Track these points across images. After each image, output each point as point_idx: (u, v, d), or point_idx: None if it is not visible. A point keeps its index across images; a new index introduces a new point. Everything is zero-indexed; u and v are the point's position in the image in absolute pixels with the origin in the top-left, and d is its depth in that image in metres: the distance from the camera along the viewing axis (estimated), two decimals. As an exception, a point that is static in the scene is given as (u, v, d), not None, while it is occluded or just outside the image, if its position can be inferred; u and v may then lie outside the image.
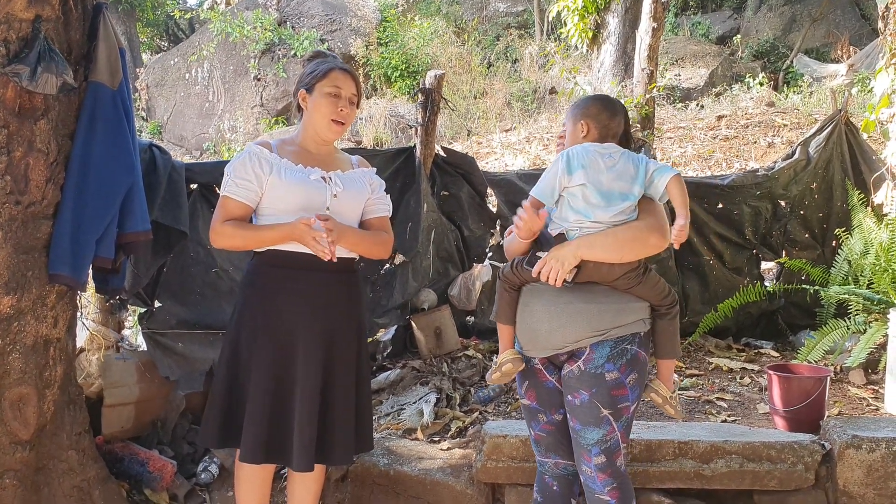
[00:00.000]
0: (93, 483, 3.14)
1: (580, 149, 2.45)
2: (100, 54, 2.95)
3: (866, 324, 4.36)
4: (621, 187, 2.41)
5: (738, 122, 10.17)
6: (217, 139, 13.28)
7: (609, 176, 2.40)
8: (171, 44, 18.44)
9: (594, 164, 2.41)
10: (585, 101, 2.58)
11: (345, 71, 2.76)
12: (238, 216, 2.68)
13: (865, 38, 14.04)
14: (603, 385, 2.38)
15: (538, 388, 2.58)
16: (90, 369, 3.58)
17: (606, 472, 2.42)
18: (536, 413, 2.60)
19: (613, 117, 2.52)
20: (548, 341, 2.45)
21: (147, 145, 3.66)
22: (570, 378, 2.44)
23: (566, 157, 2.43)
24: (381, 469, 3.34)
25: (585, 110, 2.53)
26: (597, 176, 2.39)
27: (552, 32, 14.34)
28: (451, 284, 4.79)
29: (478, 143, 10.81)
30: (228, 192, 2.67)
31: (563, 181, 2.40)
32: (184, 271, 3.87)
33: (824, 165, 5.17)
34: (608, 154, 2.45)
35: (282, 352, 2.66)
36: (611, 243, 2.36)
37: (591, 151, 2.44)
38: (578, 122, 2.53)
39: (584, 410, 2.41)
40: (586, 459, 2.44)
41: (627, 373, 2.40)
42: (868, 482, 3.06)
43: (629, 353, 2.41)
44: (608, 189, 2.39)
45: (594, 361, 2.39)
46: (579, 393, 2.41)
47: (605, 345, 2.40)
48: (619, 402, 2.40)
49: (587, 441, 2.42)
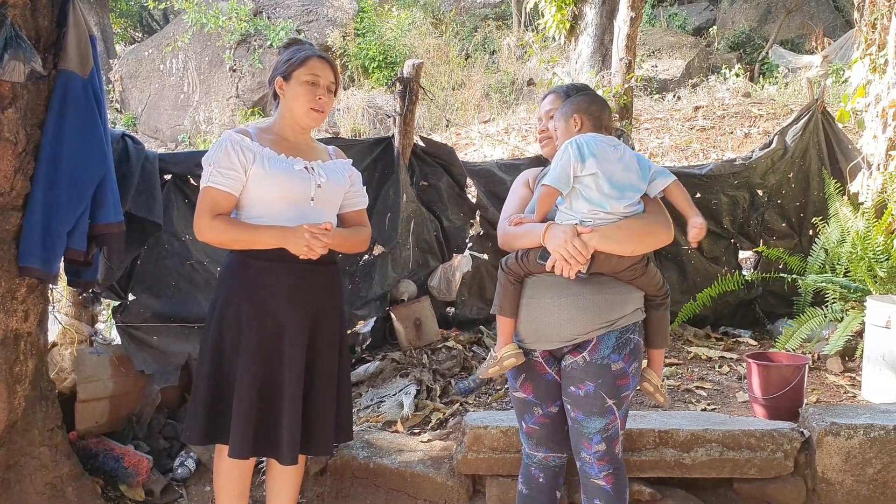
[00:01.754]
0: (66, 480, 3.09)
1: (588, 138, 2.43)
2: (69, 42, 2.89)
3: (843, 312, 4.39)
4: (630, 179, 2.41)
5: (715, 112, 10.21)
6: (192, 131, 13.14)
7: (619, 167, 2.40)
8: (146, 35, 18.21)
9: (604, 154, 2.40)
10: (574, 97, 2.56)
11: (322, 59, 2.71)
12: (224, 208, 2.62)
13: (839, 30, 14.17)
14: (609, 375, 2.40)
15: (536, 381, 2.56)
16: (63, 364, 3.52)
17: (604, 460, 2.44)
18: (532, 406, 2.58)
19: (603, 109, 2.53)
20: (557, 333, 2.44)
21: (120, 135, 3.59)
22: (574, 369, 2.44)
23: (576, 145, 2.40)
24: (360, 462, 3.31)
25: (577, 105, 2.51)
26: (608, 166, 2.38)
27: (530, 23, 14.33)
28: (431, 275, 4.76)
29: (456, 134, 10.77)
30: (212, 182, 2.59)
31: (577, 169, 2.38)
32: (158, 263, 3.81)
33: (801, 155, 5.20)
34: (614, 145, 2.45)
35: (267, 344, 2.62)
36: (626, 235, 2.37)
37: (600, 141, 2.43)
38: (571, 118, 2.51)
39: (589, 401, 2.41)
40: (587, 447, 2.44)
41: (630, 362, 2.43)
42: (846, 469, 3.07)
43: (632, 343, 2.44)
44: (620, 180, 2.39)
45: (600, 352, 2.40)
46: (584, 384, 2.41)
47: (610, 335, 2.41)
48: (622, 391, 2.43)
49: (589, 430, 2.43)
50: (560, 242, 2.33)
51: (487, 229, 4.84)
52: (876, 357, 3.83)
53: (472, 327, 4.79)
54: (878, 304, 3.87)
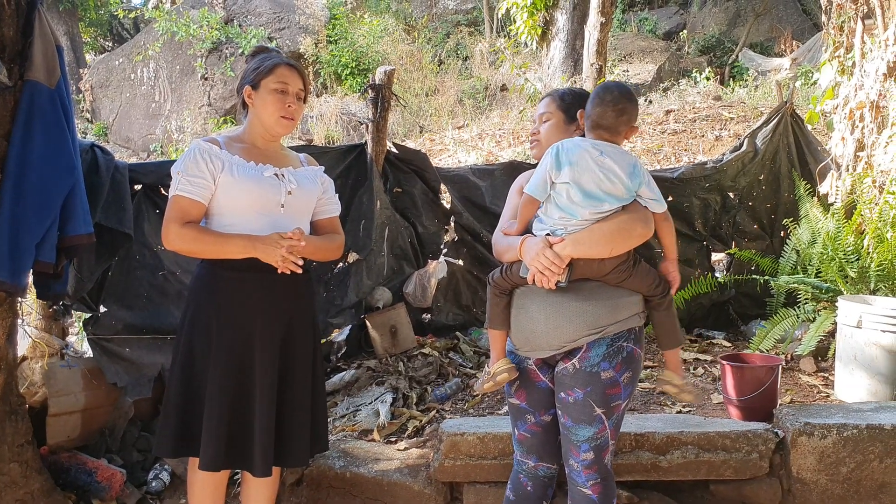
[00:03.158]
0: (37, 496, 3.04)
1: (571, 143, 2.39)
2: (36, 52, 2.85)
3: (815, 312, 4.43)
4: (608, 188, 2.35)
5: (686, 116, 10.29)
6: (164, 140, 13.06)
7: (597, 175, 2.34)
8: (116, 44, 18.07)
9: (582, 161, 2.34)
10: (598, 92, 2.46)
11: (290, 66, 2.69)
12: (193, 216, 2.58)
13: (807, 33, 14.36)
14: (598, 384, 2.37)
15: (530, 388, 2.55)
16: (33, 378, 3.46)
17: (592, 469, 2.42)
18: (525, 413, 2.57)
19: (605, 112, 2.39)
20: (546, 342, 2.42)
21: (89, 145, 3.55)
22: (565, 376, 2.42)
23: (555, 152, 2.37)
24: (336, 471, 3.29)
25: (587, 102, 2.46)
26: (583, 175, 2.33)
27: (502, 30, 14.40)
28: (406, 282, 4.75)
29: (430, 140, 10.78)
30: (181, 190, 2.56)
31: (553, 175, 2.36)
32: (129, 275, 3.77)
33: (771, 157, 5.25)
34: (599, 151, 2.37)
35: (238, 355, 2.59)
36: (597, 238, 2.33)
37: (581, 147, 2.38)
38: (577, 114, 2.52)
39: (578, 408, 2.39)
40: (575, 454, 2.42)
41: (622, 371, 2.39)
42: (820, 468, 3.10)
43: (624, 351, 2.40)
44: (594, 190, 2.34)
45: (590, 360, 2.38)
46: (573, 391, 2.39)
47: (601, 343, 2.38)
48: (612, 400, 2.39)
49: (577, 438, 2.41)
50: (533, 256, 2.33)
51: (462, 235, 4.84)
52: (848, 357, 3.87)
53: (449, 333, 4.78)
54: (849, 304, 3.91)
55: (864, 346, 3.80)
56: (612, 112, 2.38)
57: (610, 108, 2.38)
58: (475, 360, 4.46)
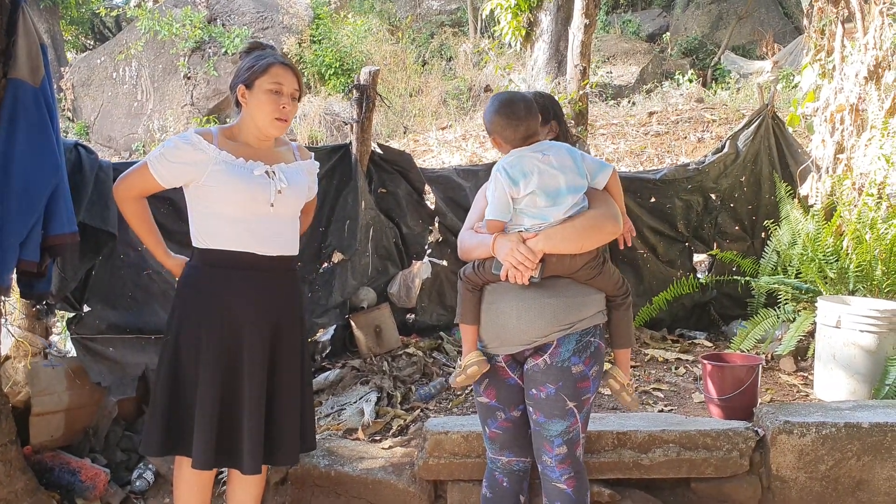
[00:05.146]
0: (21, 495, 3.03)
1: (513, 158, 2.42)
2: (19, 50, 2.83)
3: (795, 312, 4.48)
4: (567, 180, 2.40)
5: (669, 118, 10.36)
6: (147, 139, 12.99)
7: (551, 174, 2.38)
8: (98, 42, 17.93)
9: (534, 168, 2.38)
10: (489, 115, 2.47)
11: (285, 65, 2.66)
12: (149, 193, 2.73)
13: (788, 36, 14.50)
14: (569, 378, 2.42)
15: (499, 385, 2.57)
16: (17, 377, 3.45)
17: (566, 463, 2.46)
18: (495, 411, 2.60)
19: (518, 128, 2.43)
20: (517, 337, 2.46)
21: (72, 145, 3.54)
22: (535, 372, 2.45)
23: (504, 171, 2.39)
24: (321, 470, 3.30)
25: (491, 126, 2.47)
26: (540, 179, 2.37)
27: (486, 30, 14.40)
28: (391, 282, 4.76)
29: (414, 140, 10.79)
30: (153, 168, 2.62)
31: (513, 193, 2.38)
32: (113, 274, 3.76)
33: (753, 159, 5.29)
34: (541, 152, 2.42)
35: (227, 353, 2.59)
36: (570, 234, 2.37)
37: (525, 156, 2.41)
38: (491, 137, 2.50)
39: (550, 403, 2.43)
40: (548, 450, 2.46)
41: (591, 365, 2.45)
42: (800, 466, 3.14)
43: (592, 346, 2.45)
44: (554, 188, 2.38)
45: (560, 355, 2.42)
46: (545, 386, 2.43)
47: (570, 338, 2.43)
48: (582, 394, 2.45)
49: (550, 433, 2.44)
50: (507, 251, 2.36)
51: (446, 235, 4.86)
52: (827, 356, 3.92)
53: (433, 333, 4.80)
54: (828, 305, 3.96)
55: (843, 346, 3.85)
56: (530, 120, 2.44)
57: (527, 118, 2.44)
58: (459, 359, 4.47)
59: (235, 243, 2.59)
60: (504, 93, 2.51)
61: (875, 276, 4.39)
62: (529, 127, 2.44)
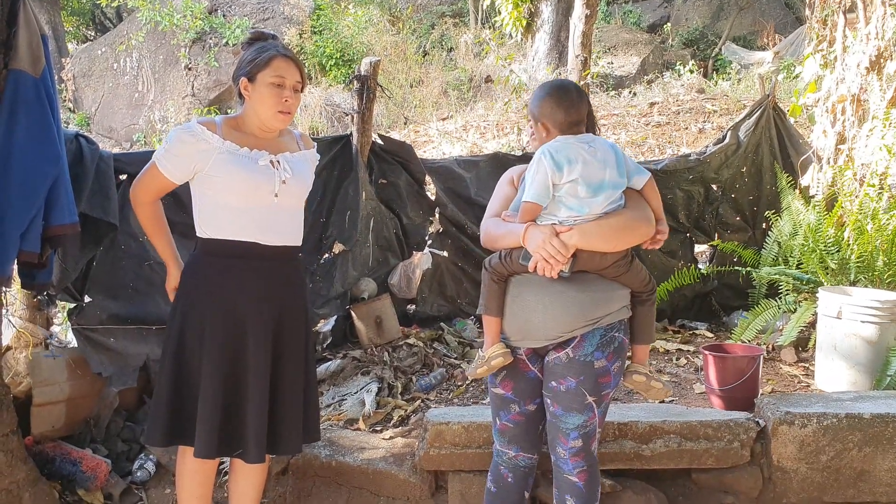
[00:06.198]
0: (22, 485, 3.03)
1: (559, 144, 2.39)
2: (20, 41, 2.82)
3: (796, 303, 4.48)
4: (608, 175, 2.38)
5: (670, 108, 10.32)
6: (148, 130, 12.96)
7: (595, 166, 2.36)
8: (98, 33, 17.89)
9: (578, 156, 2.36)
10: (540, 100, 2.45)
11: (287, 57, 2.64)
12: (162, 193, 2.73)
13: (790, 27, 14.46)
14: (591, 373, 2.40)
15: (517, 378, 2.55)
16: (18, 368, 3.45)
17: (580, 456, 2.45)
18: (509, 403, 2.57)
19: (570, 111, 2.42)
20: (542, 331, 2.43)
21: (73, 135, 3.53)
22: (557, 365, 2.44)
23: (549, 155, 2.35)
24: (322, 461, 3.30)
25: (541, 110, 2.44)
26: (584, 168, 2.35)
27: (487, 21, 14.37)
28: (391, 273, 4.76)
29: (415, 131, 10.76)
30: (160, 165, 2.62)
31: (555, 178, 2.35)
32: (114, 264, 3.76)
33: (754, 149, 5.28)
34: (587, 143, 2.40)
35: (231, 342, 2.60)
36: (605, 232, 2.35)
37: (571, 144, 2.38)
38: (538, 123, 2.46)
39: (570, 397, 2.42)
40: (563, 442, 2.45)
41: (613, 360, 2.44)
42: (801, 457, 3.14)
43: (616, 341, 2.44)
44: (598, 180, 2.36)
45: (584, 349, 2.40)
46: (566, 380, 2.42)
47: (595, 333, 2.41)
48: (603, 389, 2.43)
49: (567, 426, 2.43)
50: (539, 243, 2.32)
51: (447, 226, 4.85)
52: (828, 347, 3.92)
53: (433, 324, 4.80)
54: (829, 295, 3.96)
55: (844, 337, 3.85)
56: (581, 106, 2.44)
57: (578, 104, 2.43)
58: (459, 350, 4.48)
59: (239, 233, 2.59)
60: (554, 80, 2.51)
61: (876, 267, 4.39)
62: (580, 112, 2.43)
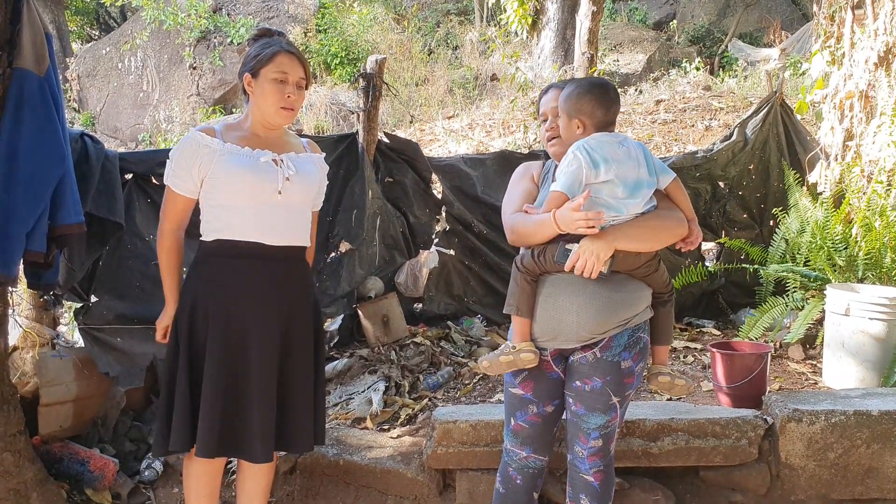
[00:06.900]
0: (30, 485, 3.03)
1: (595, 142, 2.36)
2: (24, 40, 2.82)
3: (804, 300, 4.46)
4: (641, 175, 2.38)
5: (676, 106, 10.30)
6: (153, 130, 12.97)
7: (629, 165, 2.36)
8: (103, 32, 17.90)
9: (614, 156, 2.34)
10: (579, 96, 2.41)
11: (291, 53, 2.63)
12: (188, 212, 2.69)
13: (796, 23, 14.40)
14: (617, 373, 2.39)
15: (539, 378, 2.52)
16: (25, 368, 3.46)
17: (598, 455, 2.44)
18: (527, 403, 2.54)
19: (609, 109, 2.41)
20: (574, 333, 2.39)
21: (78, 134, 3.53)
22: (583, 365, 2.42)
23: (586, 151, 2.32)
24: (330, 459, 3.30)
25: (579, 106, 2.40)
26: (620, 168, 2.33)
27: (492, 19, 14.36)
28: (398, 272, 4.76)
29: (421, 130, 10.76)
30: (171, 183, 2.63)
31: (590, 177, 2.32)
32: (121, 264, 3.76)
33: (761, 146, 5.27)
34: (619, 143, 2.39)
35: (234, 342, 2.58)
36: (643, 233, 2.35)
37: (606, 142, 2.37)
38: (573, 120, 2.42)
39: (594, 397, 2.40)
40: (583, 442, 2.44)
41: (638, 361, 2.43)
42: (809, 454, 3.13)
43: (642, 342, 2.44)
44: (633, 180, 2.35)
45: (612, 350, 2.39)
46: (591, 379, 2.40)
47: (623, 334, 2.40)
48: (626, 389, 2.43)
49: (588, 425, 2.42)
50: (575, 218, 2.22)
51: (453, 225, 4.85)
52: (836, 344, 3.91)
53: (440, 323, 4.80)
54: (837, 293, 3.94)
55: (852, 334, 3.83)
56: (618, 104, 2.45)
57: (617, 103, 2.44)
58: (467, 348, 4.47)
59: (243, 233, 2.58)
60: (590, 77, 2.50)
61: (884, 264, 4.37)
62: (617, 111, 2.45)
